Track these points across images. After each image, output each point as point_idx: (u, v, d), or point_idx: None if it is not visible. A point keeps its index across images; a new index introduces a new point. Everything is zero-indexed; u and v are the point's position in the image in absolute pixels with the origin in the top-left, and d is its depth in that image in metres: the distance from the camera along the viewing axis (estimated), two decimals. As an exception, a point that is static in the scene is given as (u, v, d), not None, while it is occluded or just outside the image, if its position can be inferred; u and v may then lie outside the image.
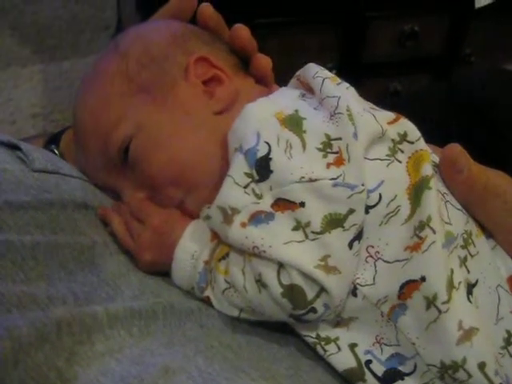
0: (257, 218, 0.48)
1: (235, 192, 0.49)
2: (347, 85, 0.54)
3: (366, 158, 0.50)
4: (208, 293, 0.53)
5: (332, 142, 0.49)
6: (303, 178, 0.47)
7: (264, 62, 0.63)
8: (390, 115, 0.54)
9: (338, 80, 0.55)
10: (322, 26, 1.62)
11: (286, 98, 0.56)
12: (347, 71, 1.63)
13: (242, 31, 0.63)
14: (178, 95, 0.57)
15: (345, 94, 0.52)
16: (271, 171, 0.48)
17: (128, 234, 0.57)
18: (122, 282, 0.53)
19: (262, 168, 0.48)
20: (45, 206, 0.53)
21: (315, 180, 0.47)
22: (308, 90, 0.57)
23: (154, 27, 0.64)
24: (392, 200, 0.49)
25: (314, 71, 0.56)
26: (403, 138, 0.52)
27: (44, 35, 1.89)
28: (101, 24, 2.00)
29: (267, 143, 0.49)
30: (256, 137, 0.49)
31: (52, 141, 0.70)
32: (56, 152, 0.68)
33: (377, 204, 0.49)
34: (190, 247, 0.54)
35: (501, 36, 1.82)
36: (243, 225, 0.48)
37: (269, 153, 0.49)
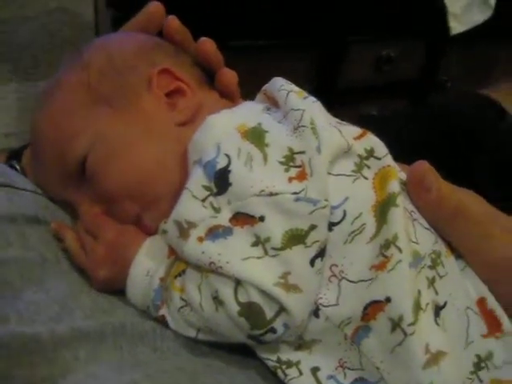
0: (214, 233, 0.46)
1: (192, 205, 0.47)
2: (313, 99, 0.53)
3: (330, 174, 0.48)
4: (163, 311, 0.51)
5: (295, 155, 0.48)
6: (263, 191, 0.46)
7: (229, 76, 0.62)
8: (357, 130, 0.52)
9: (305, 94, 0.53)
10: (297, 49, 1.62)
11: (249, 111, 0.54)
12: (322, 97, 1.60)
13: (207, 44, 0.62)
14: (139, 106, 0.56)
15: (310, 107, 0.51)
16: (230, 184, 0.47)
17: (81, 250, 0.54)
18: (73, 302, 0.50)
19: (221, 180, 0.47)
20: None
21: (276, 194, 0.46)
22: (273, 103, 0.55)
23: (118, 38, 0.63)
24: (357, 217, 0.48)
25: (279, 84, 0.54)
26: (370, 153, 0.51)
27: (20, 54, 1.87)
28: (79, 44, 1.99)
29: (227, 155, 0.47)
30: (216, 149, 0.48)
31: (13, 156, 0.68)
32: (17, 167, 0.65)
33: (341, 221, 0.48)
34: (146, 263, 0.52)
35: (476, 61, 1.84)
36: (200, 239, 0.47)
37: (228, 165, 0.47)
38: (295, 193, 0.46)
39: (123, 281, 0.52)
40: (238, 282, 0.46)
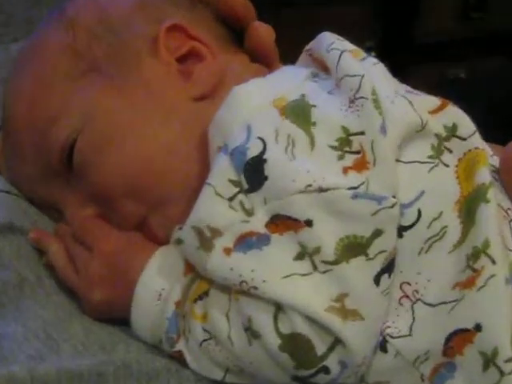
0: (246, 242, 0.47)
1: (217, 206, 0.48)
2: (374, 60, 0.54)
3: (398, 161, 0.49)
4: (180, 346, 0.51)
5: (351, 137, 0.48)
6: (310, 186, 0.46)
7: (263, 32, 0.62)
8: (433, 101, 0.53)
9: (363, 54, 0.54)
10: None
11: (289, 79, 0.55)
12: (391, 53, 1.62)
13: None
14: (141, 76, 0.56)
15: (370, 71, 0.51)
16: (265, 177, 0.47)
17: (70, 264, 0.55)
18: (59, 333, 0.51)
19: (254, 173, 0.47)
20: None
21: (327, 189, 0.46)
22: (322, 67, 0.56)
23: None
24: (436, 219, 0.48)
25: (329, 42, 0.55)
26: (452, 132, 0.51)
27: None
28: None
29: (261, 139, 0.48)
30: (246, 131, 0.48)
31: None
32: None
33: (414, 224, 0.48)
34: (156, 283, 0.52)
35: None
36: (227, 251, 0.47)
37: (263, 152, 0.47)
38: (353, 187, 0.46)
39: (125, 306, 0.53)
40: (278, 308, 0.46)
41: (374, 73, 0.52)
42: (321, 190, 0.46)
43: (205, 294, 0.50)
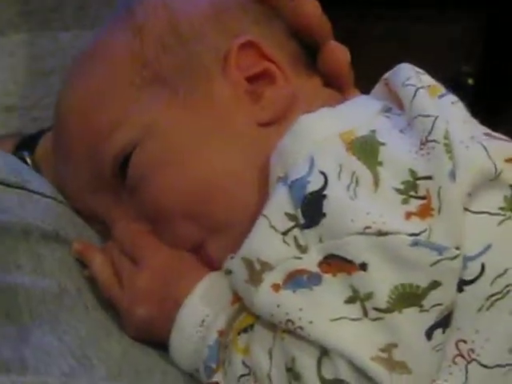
0: (296, 280, 0.51)
1: (270, 239, 0.52)
2: (453, 98, 0.57)
3: (466, 210, 0.52)
4: (218, 378, 0.55)
5: (418, 181, 0.52)
6: (369, 228, 0.50)
7: (339, 54, 0.66)
8: None
9: (441, 90, 0.57)
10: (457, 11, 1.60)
11: (361, 112, 0.58)
12: (493, 82, 1.58)
13: (308, 6, 0.66)
14: (208, 93, 0.61)
15: (446, 112, 0.54)
16: (323, 214, 0.51)
17: (114, 278, 0.60)
18: (96, 352, 0.56)
19: (312, 208, 0.51)
20: None
21: (386, 234, 0.50)
22: (396, 101, 0.59)
23: None
24: (500, 275, 0.51)
25: (406, 75, 0.58)
26: None
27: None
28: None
29: (323, 174, 0.52)
30: (309, 163, 0.53)
31: (25, 145, 0.75)
32: (28, 161, 0.73)
33: (477, 279, 0.51)
34: (201, 308, 0.57)
35: None
36: (276, 287, 0.51)
37: (323, 187, 0.51)
38: (414, 234, 0.50)
39: (166, 327, 0.58)
40: (323, 351, 0.50)
41: (450, 113, 0.55)
42: (380, 233, 0.50)
43: (250, 328, 0.54)
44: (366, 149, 0.53)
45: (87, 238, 0.63)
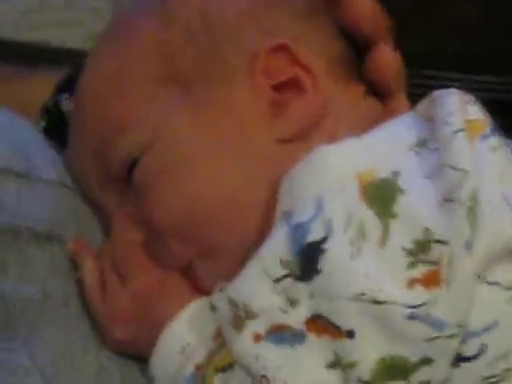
0: (279, 335, 0.49)
1: (260, 285, 0.50)
2: (495, 143, 0.52)
3: (481, 279, 0.48)
4: None
5: (432, 244, 0.48)
6: (363, 295, 0.47)
7: (388, 59, 0.62)
8: None
9: (485, 129, 0.53)
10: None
11: (389, 146, 0.54)
12: None
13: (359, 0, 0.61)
14: (227, 99, 0.58)
15: (482, 163, 0.50)
16: (319, 271, 0.48)
17: (100, 289, 0.59)
18: (69, 370, 0.55)
19: (308, 261, 0.49)
20: None
21: (382, 303, 0.47)
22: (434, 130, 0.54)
23: None
24: (500, 358, 0.49)
25: (450, 109, 0.53)
26: None
27: None
28: None
29: (328, 222, 0.49)
30: (316, 205, 0.50)
31: (68, 85, 0.74)
32: (62, 110, 0.73)
33: (475, 357, 0.48)
34: (183, 336, 0.56)
35: None
36: (257, 338, 0.49)
37: (325, 239, 0.49)
38: (412, 306, 0.47)
39: (147, 349, 0.57)
40: None
41: (486, 165, 0.50)
42: (375, 301, 0.47)
43: (229, 367, 0.52)
44: (382, 196, 0.50)
45: (89, 233, 0.62)
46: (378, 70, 0.63)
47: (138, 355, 0.58)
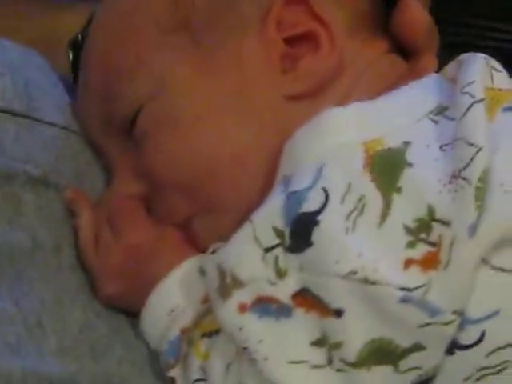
0: (264, 306, 0.48)
1: (249, 253, 0.48)
2: None
3: (484, 262, 0.45)
4: (175, 373, 0.54)
5: (434, 223, 0.45)
6: (354, 273, 0.45)
7: (415, 13, 0.58)
8: None
9: (506, 103, 0.50)
10: None
11: (404, 111, 0.51)
12: None
13: None
14: (237, 52, 0.56)
15: (498, 142, 0.47)
16: (310, 243, 0.46)
17: (94, 242, 0.58)
18: (53, 322, 0.54)
19: (301, 232, 0.47)
20: None
21: (373, 283, 0.45)
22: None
23: None
24: (500, 348, 0.46)
25: (470, 79, 0.50)
26: None
27: None
28: None
29: (325, 191, 0.47)
30: (315, 173, 0.47)
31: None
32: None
33: (473, 346, 0.46)
34: (172, 297, 0.55)
35: None
36: (242, 308, 0.48)
37: (320, 210, 0.46)
38: (405, 289, 0.44)
39: (137, 305, 0.56)
40: None
41: (503, 140, 0.47)
42: (366, 281, 0.44)
43: (215, 333, 0.52)
44: (388, 167, 0.47)
45: (88, 183, 0.61)
46: (404, 25, 0.59)
47: (130, 310, 0.58)
